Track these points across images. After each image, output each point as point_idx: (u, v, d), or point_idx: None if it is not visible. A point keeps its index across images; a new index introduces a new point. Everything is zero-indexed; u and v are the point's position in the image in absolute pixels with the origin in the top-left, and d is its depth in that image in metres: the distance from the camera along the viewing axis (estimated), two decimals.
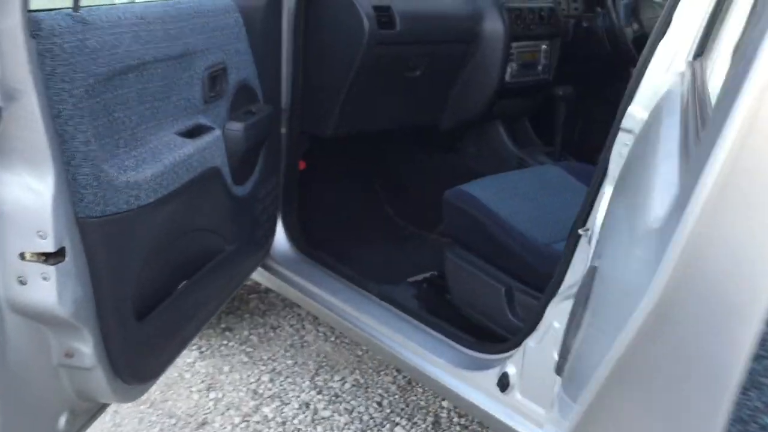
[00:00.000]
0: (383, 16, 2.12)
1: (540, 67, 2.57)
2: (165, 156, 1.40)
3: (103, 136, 1.24)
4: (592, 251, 1.52)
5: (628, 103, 1.45)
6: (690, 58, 1.28)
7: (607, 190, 1.49)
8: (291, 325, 2.83)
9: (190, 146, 1.48)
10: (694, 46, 1.27)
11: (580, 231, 1.55)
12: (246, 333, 2.73)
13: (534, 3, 2.52)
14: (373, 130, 2.38)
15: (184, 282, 1.66)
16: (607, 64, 2.86)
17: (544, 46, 2.56)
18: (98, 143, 1.22)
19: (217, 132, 1.61)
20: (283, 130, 2.18)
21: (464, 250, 2.00)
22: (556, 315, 1.63)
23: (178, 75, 1.48)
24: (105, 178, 1.24)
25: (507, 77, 2.45)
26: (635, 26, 2.58)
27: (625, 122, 1.44)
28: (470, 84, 2.43)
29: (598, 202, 1.52)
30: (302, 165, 2.39)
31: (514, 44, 2.43)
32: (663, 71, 1.38)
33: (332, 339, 2.73)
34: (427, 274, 2.45)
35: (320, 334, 2.76)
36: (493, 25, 2.38)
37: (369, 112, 2.30)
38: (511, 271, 1.89)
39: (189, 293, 1.67)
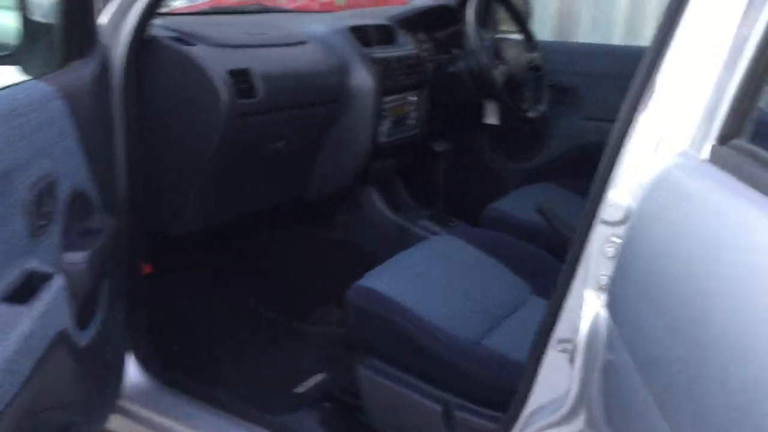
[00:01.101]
0: (242, 81, 1.69)
1: (411, 122, 2.27)
2: None
3: None
4: (578, 371, 1.23)
5: (603, 188, 1.18)
6: (713, 141, 1.00)
7: (588, 296, 1.21)
8: None
9: (27, 319, 0.98)
10: (717, 125, 1.00)
11: (558, 347, 1.26)
12: None
13: (396, 51, 2.22)
14: (233, 218, 1.95)
15: None
16: (477, 111, 2.64)
17: (412, 98, 2.26)
18: None
19: (58, 280, 1.11)
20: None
21: (380, 362, 1.63)
22: None
23: None
24: None
25: (380, 137, 2.12)
26: (502, 68, 2.36)
27: (607, 212, 1.16)
28: (340, 148, 2.08)
29: (574, 309, 1.24)
30: (147, 269, 1.90)
31: (385, 99, 2.11)
32: (650, 151, 1.12)
33: None
34: (318, 378, 2.05)
35: None
36: (362, 80, 2.04)
37: (228, 198, 1.86)
38: (444, 382, 1.56)
39: None
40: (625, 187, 1.13)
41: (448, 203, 2.46)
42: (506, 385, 1.48)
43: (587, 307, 1.20)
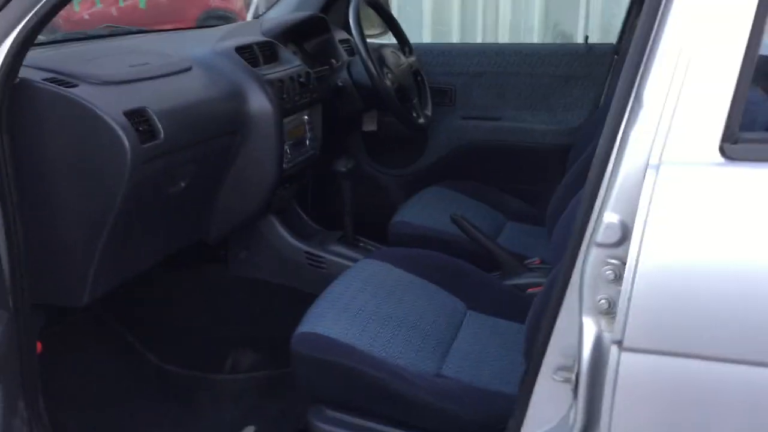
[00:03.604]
0: (140, 123, 1.47)
1: (308, 142, 2.13)
2: None
3: None
4: (582, 399, 1.18)
5: (589, 211, 1.12)
6: (717, 142, 1.00)
7: (586, 322, 1.15)
8: None
9: None
10: (720, 125, 1.00)
11: (557, 376, 1.20)
12: None
13: (286, 69, 2.06)
14: (136, 275, 1.71)
15: None
16: (354, 123, 2.54)
17: (305, 117, 2.11)
18: None
19: None
20: None
21: (341, 413, 1.50)
22: None
23: None
24: None
25: (284, 163, 1.96)
26: (390, 76, 2.28)
27: (602, 235, 1.11)
28: (244, 180, 1.89)
29: (564, 336, 1.18)
30: (39, 347, 1.62)
31: (285, 121, 1.95)
32: (644, 166, 1.08)
33: None
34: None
35: None
36: (260, 104, 1.86)
37: (132, 256, 1.63)
38: (418, 423, 1.45)
39: None
40: (620, 207, 1.09)
41: (361, 224, 2.33)
42: (480, 417, 1.43)
43: (587, 333, 1.14)
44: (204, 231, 1.93)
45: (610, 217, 1.09)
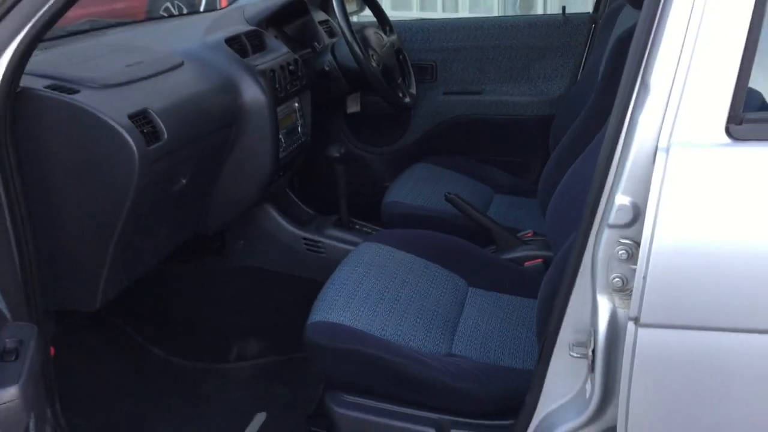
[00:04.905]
0: (144, 125, 1.47)
1: (299, 129, 2.14)
2: None
3: None
4: (600, 374, 1.23)
5: (599, 194, 1.16)
6: (723, 123, 1.05)
7: (601, 300, 1.20)
8: None
9: None
10: (724, 108, 1.05)
11: (574, 353, 1.25)
12: None
13: (276, 57, 2.06)
14: (142, 274, 1.72)
15: None
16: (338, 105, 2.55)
17: (296, 104, 2.12)
18: None
19: None
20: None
21: (358, 397, 1.54)
22: None
23: None
24: None
25: (280, 151, 1.97)
26: (375, 57, 2.29)
27: (614, 217, 1.15)
28: (240, 172, 1.90)
29: (577, 314, 1.23)
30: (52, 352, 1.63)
31: (278, 110, 1.96)
32: (649, 147, 1.12)
33: None
34: (261, 419, 1.91)
35: None
36: (254, 95, 1.86)
37: (140, 256, 1.64)
38: (433, 403, 1.50)
39: None
40: (630, 189, 1.13)
41: (353, 206, 2.35)
42: (496, 394, 1.48)
43: (602, 311, 1.19)
44: (202, 223, 1.94)
45: (621, 199, 1.13)
